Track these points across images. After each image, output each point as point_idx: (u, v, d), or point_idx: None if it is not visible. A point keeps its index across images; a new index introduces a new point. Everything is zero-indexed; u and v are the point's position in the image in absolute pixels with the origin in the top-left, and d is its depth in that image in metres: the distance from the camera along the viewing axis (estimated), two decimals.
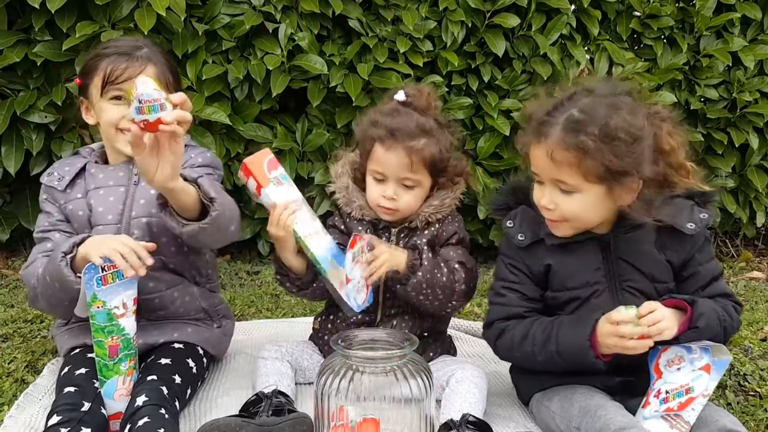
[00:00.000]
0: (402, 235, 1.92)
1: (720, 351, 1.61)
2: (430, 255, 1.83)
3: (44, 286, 1.74)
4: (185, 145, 1.92)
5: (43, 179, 1.94)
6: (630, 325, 1.54)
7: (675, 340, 1.59)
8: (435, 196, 1.90)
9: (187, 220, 1.68)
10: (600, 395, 1.66)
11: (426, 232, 1.91)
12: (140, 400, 1.58)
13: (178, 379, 1.73)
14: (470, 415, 1.64)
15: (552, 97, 1.66)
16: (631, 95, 1.63)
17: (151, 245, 1.70)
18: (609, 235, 1.69)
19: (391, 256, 1.77)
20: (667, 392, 1.59)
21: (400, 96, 1.90)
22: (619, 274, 1.69)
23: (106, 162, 1.96)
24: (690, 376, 1.59)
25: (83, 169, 1.92)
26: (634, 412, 1.63)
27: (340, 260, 1.75)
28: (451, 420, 1.64)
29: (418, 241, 1.89)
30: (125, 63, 1.82)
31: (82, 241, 1.69)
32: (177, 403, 1.68)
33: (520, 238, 1.73)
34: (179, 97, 1.57)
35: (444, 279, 1.80)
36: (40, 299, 1.79)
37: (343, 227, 1.95)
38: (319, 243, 1.75)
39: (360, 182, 1.93)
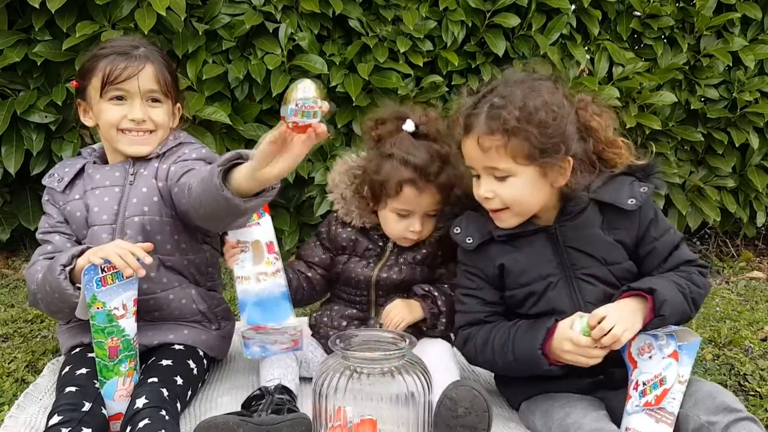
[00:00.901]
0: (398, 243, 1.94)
1: (686, 334, 1.62)
2: (443, 296, 1.87)
3: (44, 293, 1.74)
4: (180, 143, 1.93)
5: (45, 180, 1.95)
6: (584, 340, 1.56)
7: (642, 329, 1.59)
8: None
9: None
10: (578, 407, 1.64)
11: (426, 243, 1.94)
12: (140, 401, 1.58)
13: (179, 381, 1.73)
14: None
15: (474, 94, 1.70)
16: (551, 80, 1.68)
17: (148, 245, 1.70)
18: (554, 226, 1.70)
19: (407, 311, 1.83)
20: (644, 384, 1.60)
21: (409, 127, 1.88)
22: (572, 263, 1.69)
23: (105, 162, 1.96)
24: (661, 365, 1.60)
25: (82, 169, 1.92)
26: (619, 405, 1.63)
27: (251, 319, 1.80)
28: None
29: (417, 255, 1.93)
30: (124, 62, 1.82)
31: (81, 252, 1.69)
32: (178, 405, 1.68)
33: (469, 242, 1.74)
34: (327, 107, 1.58)
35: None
36: (40, 303, 1.80)
37: (328, 243, 1.99)
38: (242, 290, 1.83)
39: (366, 205, 1.94)
